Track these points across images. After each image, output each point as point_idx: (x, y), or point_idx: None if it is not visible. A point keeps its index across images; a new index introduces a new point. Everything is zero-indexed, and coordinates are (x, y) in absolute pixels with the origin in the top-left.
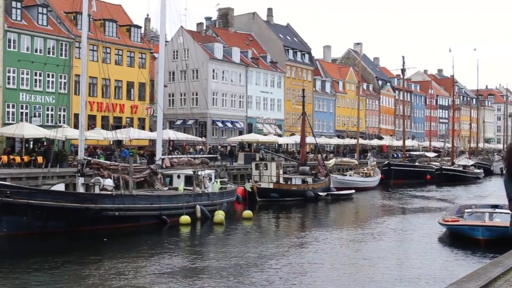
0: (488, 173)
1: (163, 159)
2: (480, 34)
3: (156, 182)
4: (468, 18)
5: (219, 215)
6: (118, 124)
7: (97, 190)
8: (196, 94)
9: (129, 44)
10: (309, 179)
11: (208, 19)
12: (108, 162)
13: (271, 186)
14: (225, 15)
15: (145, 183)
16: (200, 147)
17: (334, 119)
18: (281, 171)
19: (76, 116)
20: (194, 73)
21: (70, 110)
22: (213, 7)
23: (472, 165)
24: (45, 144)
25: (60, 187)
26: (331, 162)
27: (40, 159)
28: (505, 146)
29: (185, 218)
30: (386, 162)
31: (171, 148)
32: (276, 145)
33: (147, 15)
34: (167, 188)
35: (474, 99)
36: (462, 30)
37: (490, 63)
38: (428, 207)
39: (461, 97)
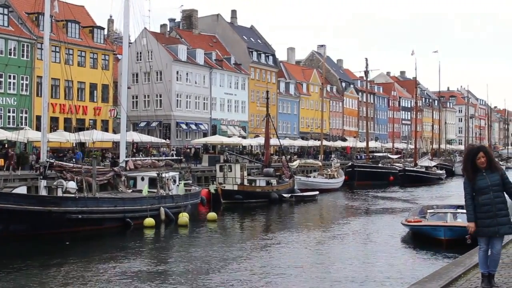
0: (450, 174)
1: (126, 162)
2: (442, 37)
3: (120, 185)
4: (430, 21)
5: (183, 217)
6: (81, 126)
7: (60, 193)
8: (160, 96)
9: (92, 46)
10: (273, 181)
11: (172, 20)
12: (71, 165)
13: (236, 188)
14: (189, 16)
15: (108, 185)
16: (164, 149)
17: (298, 121)
18: (245, 173)
19: (38, 118)
20: (158, 75)
21: (32, 112)
22: (177, 9)
23: (434, 166)
24: (6, 146)
25: (22, 190)
26: (295, 163)
27: (1, 161)
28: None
29: (149, 221)
30: (349, 164)
31: (134, 151)
32: (240, 147)
33: (110, 16)
34: (130, 190)
35: (436, 101)
36: (424, 33)
37: (451, 65)
38: (391, 208)
39: (424, 98)
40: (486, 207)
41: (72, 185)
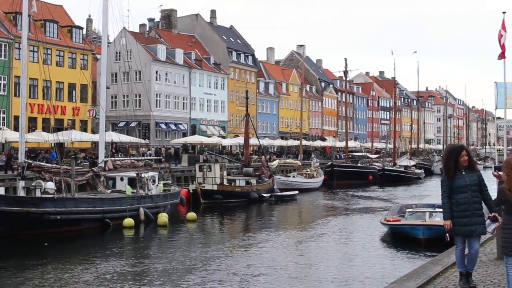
0: (429, 173)
1: (105, 162)
2: (421, 37)
3: (99, 185)
4: (410, 22)
5: (163, 217)
6: (59, 127)
7: (38, 194)
8: (139, 96)
9: (70, 45)
10: (253, 181)
11: (151, 20)
12: (50, 165)
13: (215, 187)
14: (168, 16)
15: (87, 186)
16: (144, 149)
17: (278, 121)
18: (225, 173)
19: (16, 118)
20: (137, 75)
21: (10, 112)
22: (156, 8)
23: (413, 165)
24: None
25: (0, 190)
26: (275, 163)
27: None
28: (444, 146)
29: (129, 221)
30: (329, 163)
31: (114, 151)
32: (220, 146)
33: (89, 16)
34: (110, 191)
35: (414, 101)
36: (404, 34)
37: (430, 65)
38: (370, 207)
39: (402, 98)
40: (464, 206)
41: (50, 185)
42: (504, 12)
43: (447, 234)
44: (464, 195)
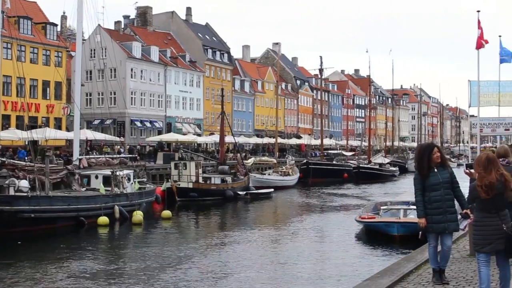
0: (403, 170)
1: (80, 159)
2: (396, 36)
3: (73, 183)
4: (385, 21)
5: (138, 215)
6: (33, 124)
7: (12, 192)
8: (114, 94)
9: (44, 42)
10: (229, 178)
11: (126, 17)
12: (24, 163)
13: (190, 185)
14: (144, 13)
15: (62, 184)
16: (119, 147)
17: (253, 119)
18: (200, 171)
19: None
20: (112, 72)
21: None
22: (131, 6)
23: (388, 163)
24: None
25: None
26: (250, 161)
27: None
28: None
29: (103, 219)
30: (304, 161)
31: (88, 148)
32: (195, 144)
33: (64, 13)
34: (84, 189)
35: (389, 99)
36: (379, 32)
37: (405, 64)
38: (345, 204)
39: (377, 96)
40: (437, 204)
41: (24, 183)
42: (478, 11)
43: (421, 232)
44: (437, 193)
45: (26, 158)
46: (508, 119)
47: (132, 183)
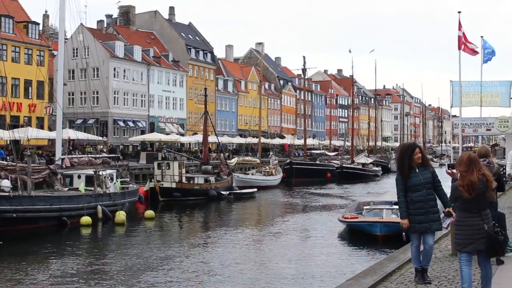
0: (386, 170)
1: (62, 159)
2: (379, 36)
3: (56, 183)
4: (368, 21)
5: (121, 215)
6: (15, 124)
7: None
8: (97, 93)
9: (26, 41)
10: (212, 178)
11: (109, 16)
12: (5, 163)
13: (174, 185)
14: (126, 13)
15: (44, 183)
16: (101, 146)
17: (237, 118)
18: (183, 171)
19: None
20: (95, 72)
21: None
22: (114, 5)
23: (371, 163)
24: None
25: None
26: (233, 161)
27: None
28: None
29: (86, 219)
30: (287, 161)
31: (71, 148)
32: (179, 144)
33: (46, 12)
34: (67, 188)
35: (372, 99)
36: (362, 32)
37: (387, 64)
38: (329, 204)
39: (360, 96)
40: (419, 204)
41: (6, 183)
42: (459, 12)
43: (404, 233)
44: (419, 193)
45: (7, 157)
46: (489, 119)
47: (115, 183)
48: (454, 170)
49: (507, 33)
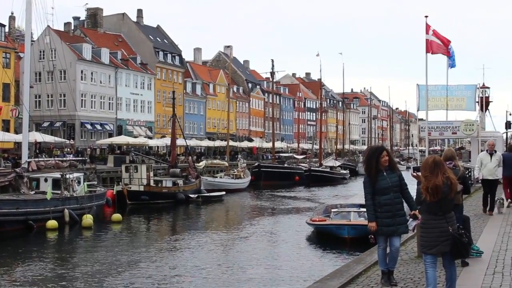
0: (354, 173)
1: (29, 162)
2: (347, 40)
3: (22, 186)
4: (336, 25)
5: (88, 219)
6: None
7: None
8: (64, 96)
9: None
10: (180, 181)
11: (76, 19)
12: None
13: (142, 188)
14: (94, 15)
15: (10, 187)
16: (68, 149)
17: (205, 121)
18: (151, 174)
19: None
20: (62, 74)
21: None
22: (82, 7)
23: (338, 166)
24: None
25: None
26: (202, 164)
27: None
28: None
29: (52, 223)
30: (256, 164)
31: (37, 151)
32: (147, 147)
33: (12, 13)
34: (33, 192)
35: (340, 102)
36: (330, 36)
37: (355, 68)
38: (297, 207)
39: (328, 100)
40: (387, 207)
41: None
42: (426, 16)
43: (371, 236)
44: (386, 197)
45: None
46: (455, 123)
47: (82, 186)
48: (419, 173)
49: (474, 39)
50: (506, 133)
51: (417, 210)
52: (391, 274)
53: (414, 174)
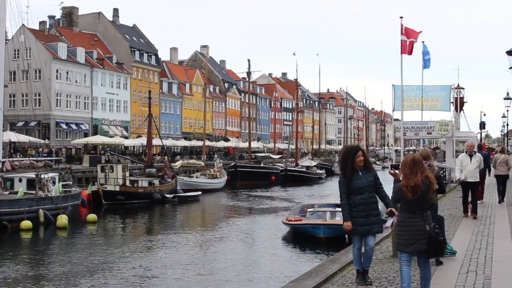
0: (330, 173)
1: (3, 162)
2: (323, 40)
3: None
4: (313, 25)
5: (63, 219)
6: None
7: None
8: (39, 95)
9: None
10: (156, 181)
11: (51, 17)
12: None
13: (117, 188)
14: (69, 14)
15: None
16: (42, 149)
17: (181, 121)
18: (127, 174)
19: None
20: (37, 73)
21: None
22: (57, 6)
23: (315, 166)
24: None
25: None
26: (178, 164)
27: None
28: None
29: (27, 223)
30: (232, 164)
31: (12, 151)
32: (122, 147)
33: None
34: (8, 192)
35: (316, 102)
36: (307, 36)
37: (331, 68)
38: (273, 207)
39: (305, 100)
40: (361, 207)
41: None
42: (401, 17)
43: (346, 235)
44: (361, 196)
45: None
46: (430, 123)
47: (57, 186)
48: (397, 171)
49: (449, 40)
50: (481, 133)
51: (393, 208)
52: (366, 273)
53: (392, 171)
